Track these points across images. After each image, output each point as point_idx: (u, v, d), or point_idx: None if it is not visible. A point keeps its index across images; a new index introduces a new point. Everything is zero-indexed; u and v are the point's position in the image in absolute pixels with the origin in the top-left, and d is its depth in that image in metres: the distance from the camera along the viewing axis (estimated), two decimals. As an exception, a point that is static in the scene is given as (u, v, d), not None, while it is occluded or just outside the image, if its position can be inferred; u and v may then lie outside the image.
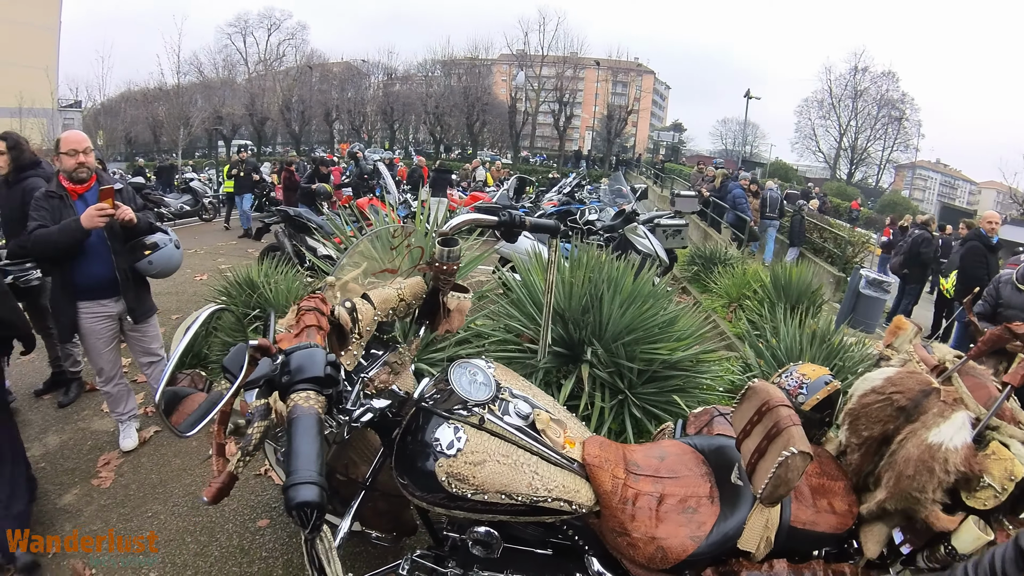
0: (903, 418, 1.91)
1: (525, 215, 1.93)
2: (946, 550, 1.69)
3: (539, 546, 1.79)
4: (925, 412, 1.87)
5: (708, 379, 3.44)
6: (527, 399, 1.78)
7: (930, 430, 1.78)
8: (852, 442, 2.02)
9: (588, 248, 3.75)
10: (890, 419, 1.93)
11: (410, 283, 1.94)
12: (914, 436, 1.81)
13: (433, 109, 41.46)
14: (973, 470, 1.70)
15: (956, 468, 1.69)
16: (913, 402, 1.91)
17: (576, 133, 51.32)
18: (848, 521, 1.84)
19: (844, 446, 2.10)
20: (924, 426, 1.82)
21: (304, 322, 1.42)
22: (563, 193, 11.94)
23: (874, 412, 1.96)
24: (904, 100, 47.11)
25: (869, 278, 7.07)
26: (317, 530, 1.07)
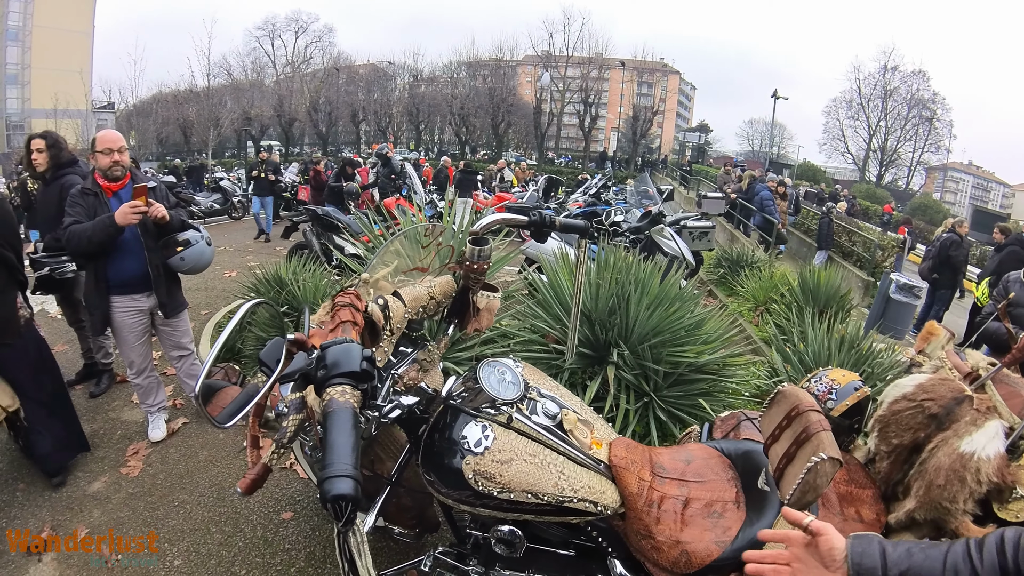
0: (934, 426, 1.89)
1: (554, 216, 1.94)
2: None
3: (561, 547, 1.78)
4: (957, 420, 1.85)
5: (734, 383, 3.41)
6: (555, 399, 1.78)
7: (962, 439, 1.77)
8: (882, 449, 2.01)
9: (615, 249, 3.73)
10: (921, 427, 1.91)
11: (440, 282, 1.95)
12: (946, 444, 1.80)
13: (458, 110, 41.51)
14: (1006, 480, 1.68)
15: (988, 478, 1.67)
16: (945, 410, 1.89)
17: (601, 134, 51.05)
18: (876, 530, 1.81)
19: (873, 453, 2.08)
20: (956, 434, 1.80)
21: (340, 317, 1.44)
22: (589, 194, 11.89)
23: (905, 419, 1.95)
24: (935, 100, 45.77)
25: (900, 283, 6.93)
26: (351, 523, 1.09)
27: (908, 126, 46.30)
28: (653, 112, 41.64)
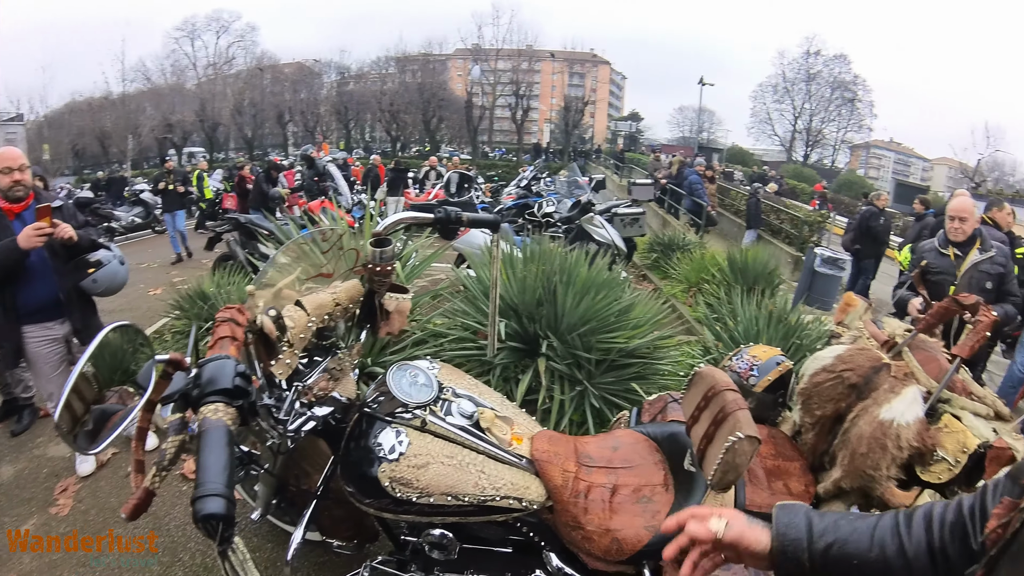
0: (855, 395, 1.92)
1: (460, 212, 1.89)
2: None
3: (499, 544, 1.77)
4: (876, 388, 1.88)
5: (666, 365, 3.44)
6: (471, 398, 1.76)
7: (881, 406, 1.80)
8: (806, 421, 2.04)
9: (540, 240, 3.70)
10: (842, 397, 1.95)
11: (346, 287, 1.88)
12: (866, 413, 1.83)
13: (388, 107, 40.61)
14: (926, 444, 1.73)
15: (909, 443, 1.71)
16: (864, 379, 1.92)
17: (534, 126, 51.23)
18: (806, 502, 1.83)
19: (799, 426, 2.11)
20: (875, 403, 1.83)
21: (218, 333, 1.37)
22: (521, 187, 11.88)
23: (826, 391, 1.98)
24: (856, 82, 48.01)
25: (824, 256, 7.19)
26: (227, 542, 1.06)
27: (831, 107, 48.37)
28: (584, 103, 42.08)
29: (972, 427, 1.76)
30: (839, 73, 47.71)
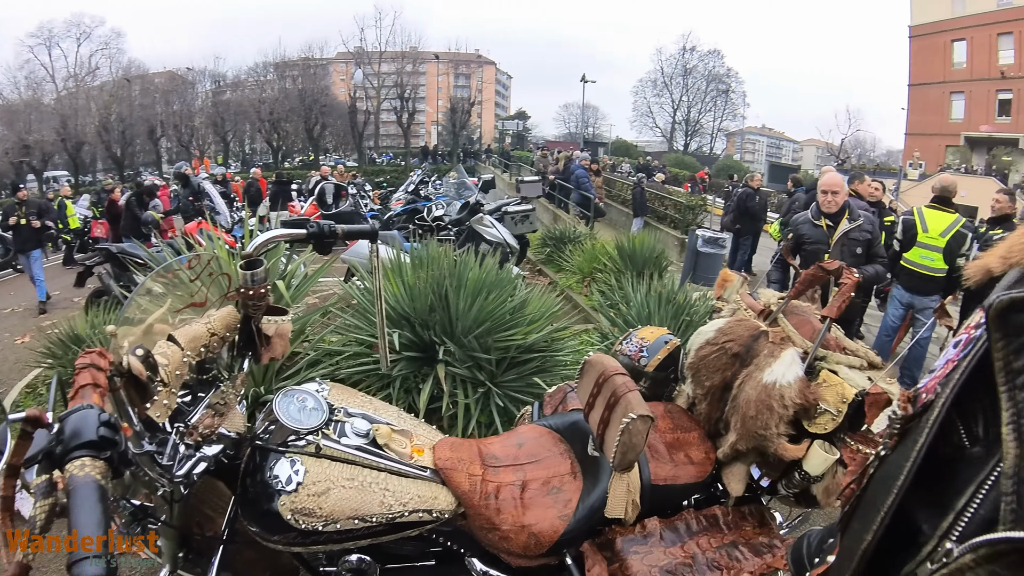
0: (738, 364, 2.01)
1: (335, 225, 1.81)
2: (800, 475, 1.83)
3: (420, 559, 1.73)
4: (757, 355, 1.97)
5: (566, 356, 3.49)
6: (365, 416, 1.69)
7: (763, 371, 1.88)
8: (698, 393, 2.12)
9: (428, 245, 3.64)
10: (727, 366, 2.03)
11: (221, 315, 1.75)
12: (750, 379, 1.91)
13: (268, 116, 38.19)
14: (808, 400, 1.82)
15: (793, 401, 1.79)
16: (745, 347, 2.02)
17: (421, 129, 50.85)
18: (707, 468, 1.93)
19: (692, 398, 2.19)
20: (758, 368, 1.92)
21: (78, 382, 1.24)
22: (409, 191, 11.70)
23: (712, 362, 2.06)
24: (729, 74, 52.64)
25: (705, 237, 7.59)
26: None
27: (707, 99, 52.54)
28: (471, 103, 42.09)
29: (848, 379, 1.87)
30: (713, 67, 52.02)
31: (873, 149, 50.59)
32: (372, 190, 17.14)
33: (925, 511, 0.55)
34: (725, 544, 1.73)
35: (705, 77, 52.06)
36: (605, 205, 14.13)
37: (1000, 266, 0.60)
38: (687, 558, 1.65)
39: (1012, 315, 0.48)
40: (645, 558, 1.64)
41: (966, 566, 0.44)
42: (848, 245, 4.19)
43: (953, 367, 0.58)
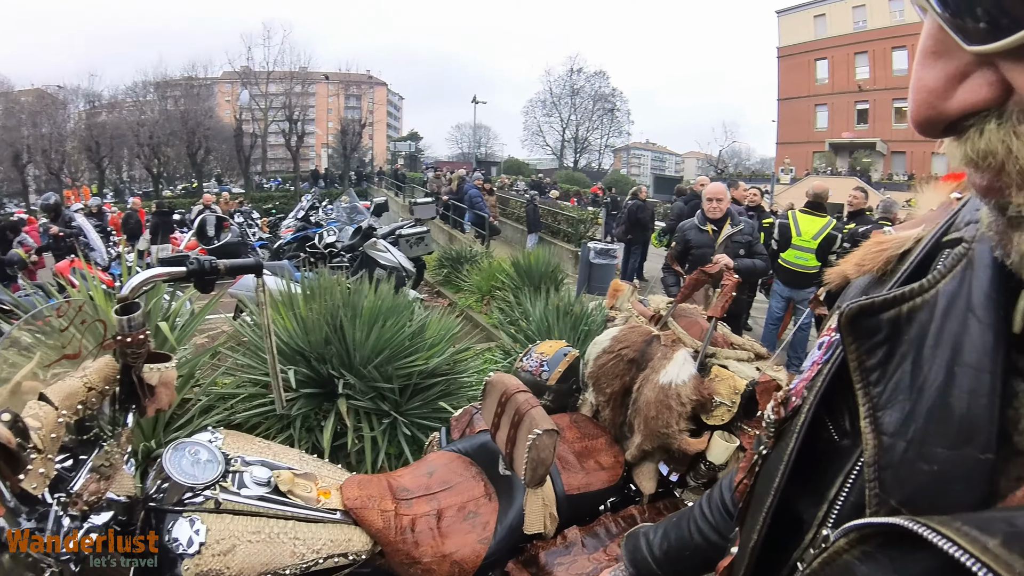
0: (635, 368, 2.11)
1: (216, 261, 1.71)
2: (706, 466, 1.93)
3: None
4: (652, 358, 2.07)
5: (470, 377, 3.47)
6: (264, 462, 1.60)
7: (659, 373, 1.98)
8: (600, 400, 2.21)
9: (320, 274, 3.51)
10: (625, 372, 2.12)
11: (97, 366, 1.55)
12: (648, 382, 2.00)
13: (148, 139, 34.70)
14: (704, 395, 1.93)
15: (689, 398, 1.89)
16: (640, 352, 2.12)
17: (311, 152, 49.53)
18: (618, 471, 2.00)
19: (596, 406, 2.28)
20: (654, 371, 2.01)
21: None
22: (299, 218, 11.27)
23: (610, 370, 2.15)
24: (615, 94, 55.45)
25: (597, 248, 7.84)
26: None
27: (595, 117, 54.99)
28: (362, 125, 41.19)
29: (738, 371, 2.02)
30: (599, 87, 54.54)
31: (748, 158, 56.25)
32: (260, 218, 16.43)
33: (804, 502, 0.58)
34: None
35: (592, 97, 54.53)
36: (500, 223, 14.31)
37: (855, 272, 0.65)
38: (612, 560, 1.68)
39: (861, 320, 0.52)
40: (570, 568, 1.65)
41: (842, 549, 0.46)
42: (731, 248, 4.50)
43: (817, 371, 0.62)
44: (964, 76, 0.37)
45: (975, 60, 0.36)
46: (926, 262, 0.56)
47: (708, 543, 1.00)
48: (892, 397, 0.49)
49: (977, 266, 0.48)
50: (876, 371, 0.51)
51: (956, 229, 0.55)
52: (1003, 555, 0.33)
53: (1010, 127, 0.36)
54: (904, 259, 0.60)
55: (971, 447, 0.42)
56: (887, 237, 0.63)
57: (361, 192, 24.28)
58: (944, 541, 0.36)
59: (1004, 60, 0.35)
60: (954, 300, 0.48)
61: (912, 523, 0.39)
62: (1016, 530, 0.34)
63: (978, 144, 0.37)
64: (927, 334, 0.48)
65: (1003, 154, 0.36)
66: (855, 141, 36.55)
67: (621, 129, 56.74)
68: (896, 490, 0.45)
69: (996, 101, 0.36)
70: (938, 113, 0.39)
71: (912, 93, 0.40)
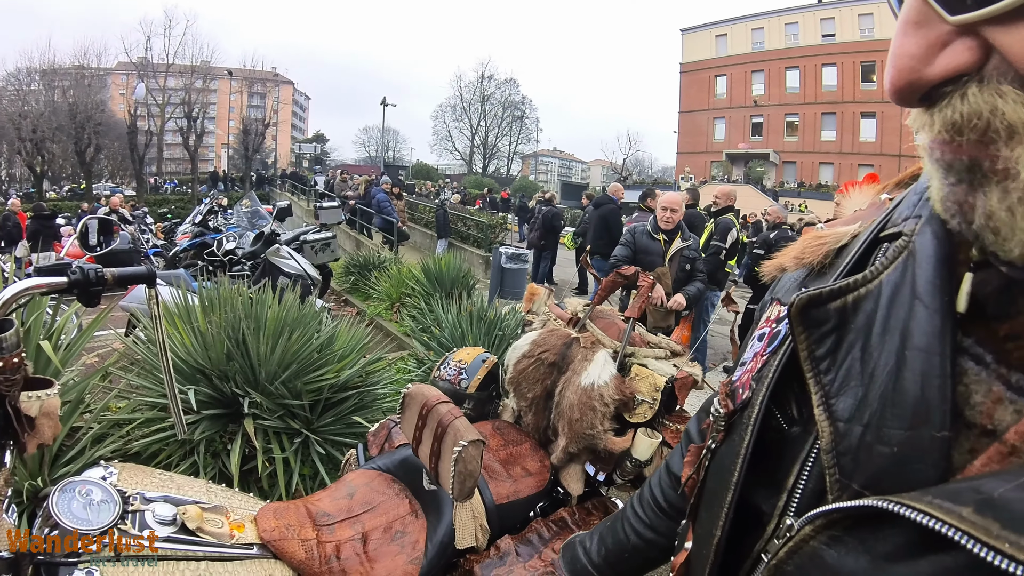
0: (556, 372, 2.13)
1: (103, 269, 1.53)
2: (631, 463, 1.97)
3: None
4: (572, 360, 2.10)
5: (383, 388, 3.37)
6: (167, 497, 1.45)
7: (580, 375, 2.01)
8: (522, 405, 2.23)
9: (219, 283, 3.29)
10: (546, 376, 2.14)
11: None
12: (569, 384, 2.02)
13: (30, 134, 30.64)
14: (625, 394, 1.97)
15: (612, 398, 1.93)
16: (560, 355, 2.15)
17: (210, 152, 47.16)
18: (545, 476, 2.01)
19: (518, 411, 2.30)
20: (575, 373, 2.04)
21: None
22: (196, 223, 10.56)
23: (530, 374, 2.16)
24: (524, 101, 57.09)
25: (508, 254, 7.89)
26: None
27: (504, 124, 56.38)
28: (266, 124, 39.12)
29: (657, 369, 2.07)
30: (509, 94, 55.91)
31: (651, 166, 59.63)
32: (154, 222, 15.40)
33: (763, 493, 0.60)
34: None
35: (502, 104, 55.73)
36: (408, 228, 14.15)
37: (794, 265, 0.67)
38: (547, 566, 1.67)
39: (810, 310, 0.55)
40: None
41: (808, 536, 0.48)
42: (680, 262, 4.63)
43: (764, 362, 0.64)
44: (944, 44, 0.39)
45: (955, 30, 0.38)
46: (865, 256, 0.59)
47: (645, 542, 1.00)
48: (844, 384, 0.51)
49: (919, 257, 0.50)
50: (826, 359, 0.53)
51: (893, 225, 0.58)
52: (979, 521, 0.35)
53: (993, 88, 0.38)
54: (841, 254, 0.63)
55: (927, 427, 0.44)
56: (826, 232, 0.66)
57: (263, 196, 23.25)
58: (922, 516, 0.38)
59: (985, 25, 0.37)
60: (898, 289, 0.50)
61: (887, 503, 0.41)
62: (985, 496, 0.36)
63: (960, 108, 0.39)
64: (874, 322, 0.51)
65: (988, 113, 0.38)
66: (750, 152, 40.16)
67: (530, 136, 58.54)
68: (857, 474, 0.47)
69: (977, 64, 0.38)
70: (919, 78, 0.40)
71: (892, 60, 0.42)
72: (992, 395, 0.43)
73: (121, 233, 8.76)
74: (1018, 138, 0.37)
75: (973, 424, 0.44)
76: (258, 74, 46.70)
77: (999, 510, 0.35)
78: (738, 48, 40.43)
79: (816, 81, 36.89)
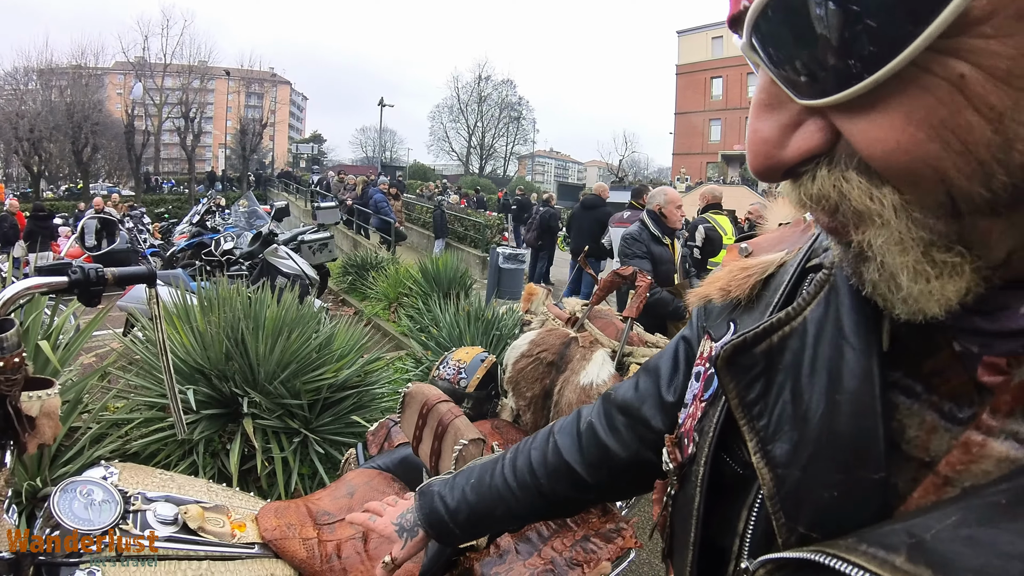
0: (555, 371, 2.14)
1: (103, 268, 1.52)
2: None
3: None
4: (571, 360, 2.12)
5: (382, 388, 3.37)
6: (168, 497, 1.45)
7: (579, 374, 2.02)
8: (521, 404, 2.23)
9: (219, 283, 3.29)
10: (544, 375, 2.16)
11: None
12: (568, 383, 2.04)
13: (28, 133, 30.48)
14: None
15: None
16: (559, 355, 2.16)
17: (208, 153, 47.06)
18: None
19: (516, 410, 2.29)
20: (573, 372, 2.06)
21: None
22: (194, 223, 10.53)
23: (529, 373, 2.18)
24: (521, 103, 57.27)
25: (505, 254, 7.91)
26: None
27: (500, 125, 56.09)
28: (263, 124, 38.88)
29: None
30: (506, 95, 55.92)
31: (647, 167, 59.73)
32: (152, 223, 15.35)
33: (722, 535, 0.59)
34: (578, 540, 1.76)
35: (499, 105, 55.71)
36: (405, 228, 14.15)
37: (720, 297, 0.65)
38: (547, 564, 1.66)
39: (736, 358, 0.54)
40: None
41: None
42: (683, 262, 4.44)
43: (704, 412, 0.63)
44: (797, 125, 0.39)
45: (805, 110, 0.39)
46: (794, 290, 0.58)
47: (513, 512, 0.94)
48: (778, 429, 0.50)
49: (840, 291, 0.50)
50: (758, 404, 0.52)
51: (816, 255, 0.57)
52: (910, 570, 0.35)
53: (839, 171, 0.38)
54: (768, 284, 0.62)
55: (864, 470, 0.44)
56: (751, 262, 0.65)
57: (260, 196, 23.22)
58: (854, 569, 0.37)
59: (832, 110, 0.37)
60: (823, 326, 0.50)
61: (819, 555, 0.40)
62: (916, 540, 0.36)
63: (811, 188, 0.40)
64: (802, 362, 0.50)
65: (835, 197, 0.39)
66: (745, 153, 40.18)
67: (526, 137, 58.45)
68: (801, 516, 0.47)
69: (826, 146, 0.39)
70: (776, 161, 0.41)
71: (749, 144, 0.42)
72: (926, 425, 0.43)
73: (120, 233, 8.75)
74: (866, 223, 0.38)
75: (911, 457, 0.43)
76: (256, 74, 46.71)
77: (930, 554, 0.35)
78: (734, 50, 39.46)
79: (810, 85, 37.23)
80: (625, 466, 0.86)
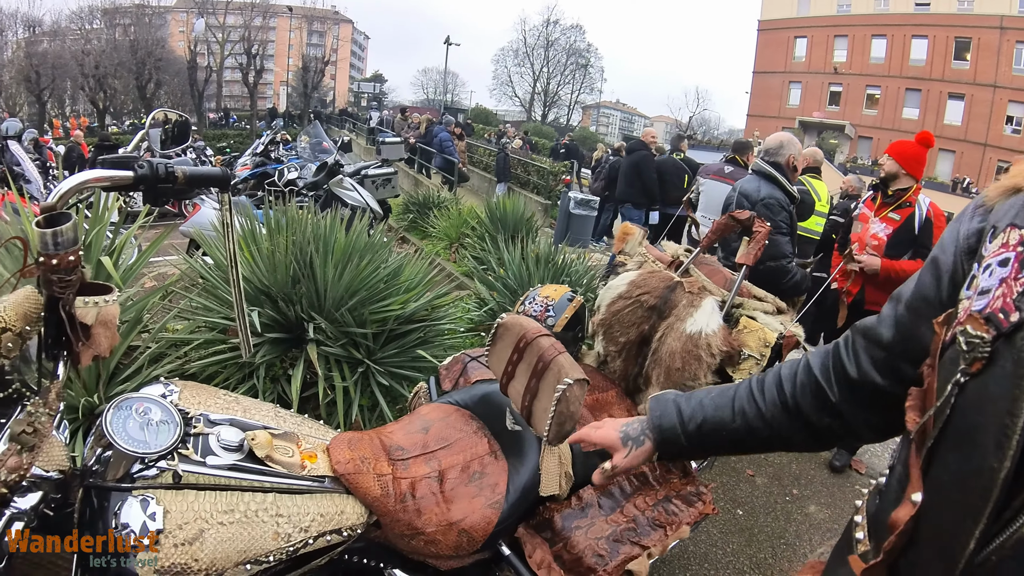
0: (656, 316, 2.02)
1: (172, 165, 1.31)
2: None
3: None
4: (675, 306, 1.98)
5: (447, 324, 3.24)
6: (233, 420, 1.28)
7: (685, 321, 1.91)
8: (611, 350, 2.11)
9: (287, 209, 3.14)
10: (643, 320, 2.03)
11: (15, 300, 1.09)
12: (672, 330, 1.92)
13: (93, 71, 31.58)
14: (733, 347, 1.87)
15: (719, 349, 1.83)
16: (662, 299, 2.03)
17: (269, 89, 47.62)
18: None
19: (603, 356, 2.18)
20: (678, 319, 1.93)
21: None
22: (257, 153, 10.54)
23: (626, 317, 2.05)
24: (589, 49, 54.92)
25: (577, 199, 7.64)
26: None
27: (567, 72, 54.21)
28: (325, 63, 39.28)
29: (767, 324, 1.92)
30: (575, 41, 53.79)
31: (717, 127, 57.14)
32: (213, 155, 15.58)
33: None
34: (660, 500, 1.69)
35: (566, 51, 53.71)
36: (467, 170, 13.97)
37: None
38: (629, 522, 1.56)
39: None
40: (589, 531, 1.50)
41: None
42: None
43: None
44: None
45: None
46: None
47: (748, 427, 0.98)
48: None
49: None
50: None
51: None
52: None
53: None
54: None
55: None
56: None
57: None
58: None
59: None
60: None
61: None
62: None
63: None
64: None
65: None
66: (825, 122, 37.55)
67: (593, 86, 56.39)
68: None
69: None
70: None
71: None
72: None
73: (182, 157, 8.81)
74: None
75: None
76: (318, 12, 46.81)
77: None
78: (822, 9, 37.49)
79: (903, 53, 33.97)
80: (878, 391, 0.86)
